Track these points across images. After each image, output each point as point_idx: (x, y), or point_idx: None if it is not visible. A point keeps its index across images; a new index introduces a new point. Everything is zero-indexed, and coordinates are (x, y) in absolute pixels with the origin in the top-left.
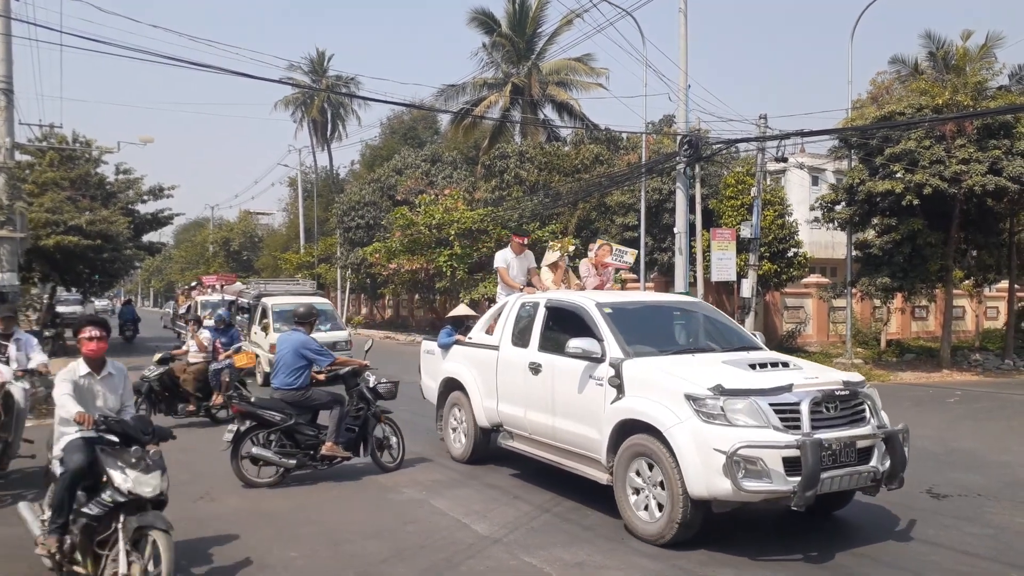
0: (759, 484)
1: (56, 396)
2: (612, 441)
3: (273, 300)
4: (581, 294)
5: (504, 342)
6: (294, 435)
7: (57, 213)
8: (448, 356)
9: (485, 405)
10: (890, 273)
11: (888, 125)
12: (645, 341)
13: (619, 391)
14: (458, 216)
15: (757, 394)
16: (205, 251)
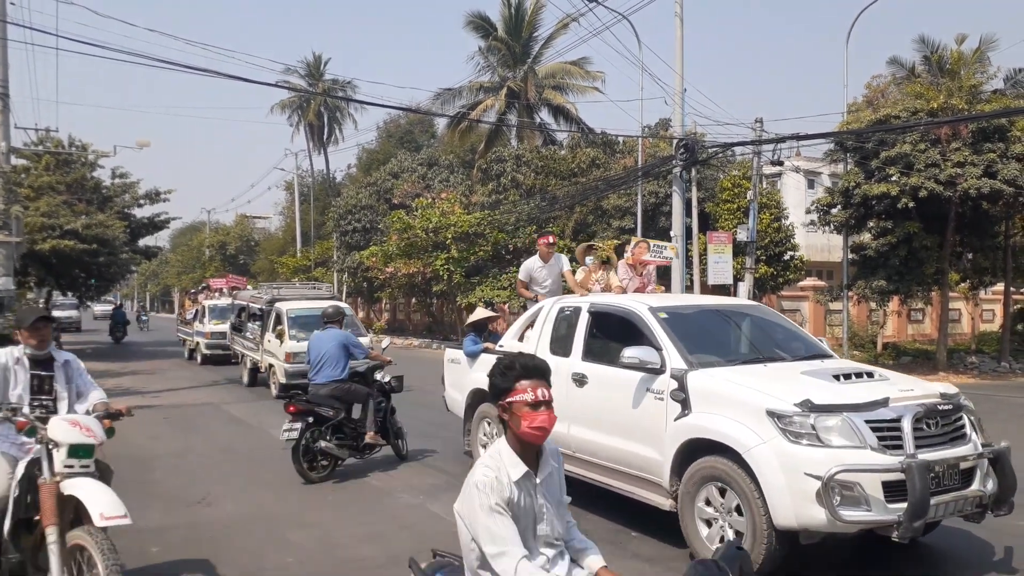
0: (858, 513)
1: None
2: (676, 463)
3: (288, 305)
4: (630, 297)
5: (540, 350)
6: (342, 428)
7: (53, 217)
8: (476, 366)
9: None
10: (886, 276)
11: (884, 128)
12: (707, 349)
13: (684, 406)
14: (455, 220)
15: (851, 410)
16: (201, 255)
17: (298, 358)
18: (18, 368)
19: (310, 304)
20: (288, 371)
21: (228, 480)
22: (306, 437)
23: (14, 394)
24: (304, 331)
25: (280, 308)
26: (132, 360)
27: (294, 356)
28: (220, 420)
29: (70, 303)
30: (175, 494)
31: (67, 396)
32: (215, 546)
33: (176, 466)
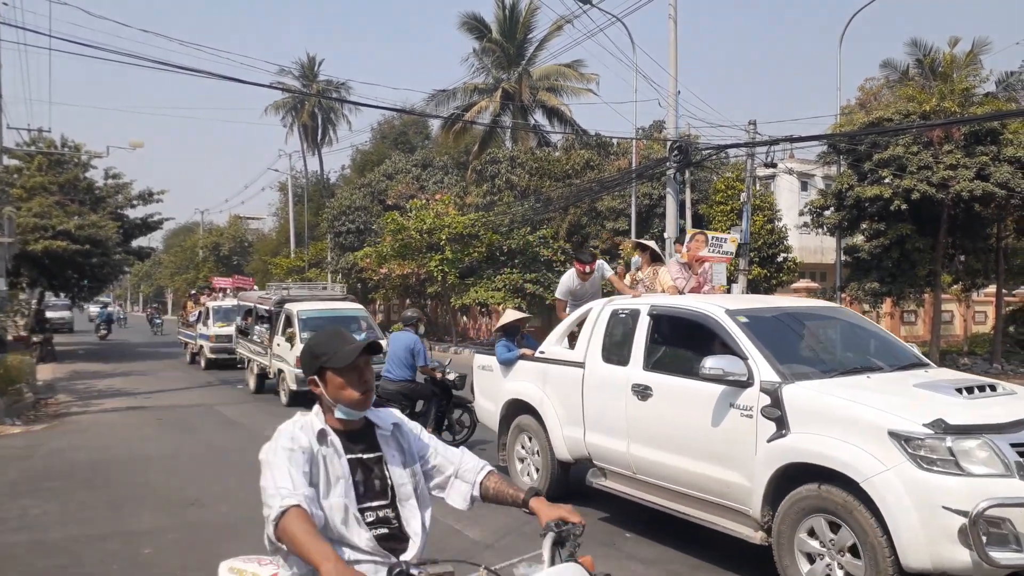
0: (1008, 554)
1: None
2: (770, 490)
3: (299, 307)
4: (699, 298)
5: (592, 358)
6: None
7: (45, 218)
8: (511, 374)
9: (566, 434)
10: (879, 278)
11: (876, 131)
12: (797, 358)
13: (780, 425)
14: (449, 221)
15: (993, 431)
16: (195, 256)
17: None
18: (328, 453)
19: (322, 305)
20: (300, 377)
21: (222, 482)
22: None
23: (329, 504)
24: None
25: (291, 310)
26: (125, 361)
27: None
28: (214, 421)
29: (62, 304)
30: (168, 496)
31: (413, 495)
32: (208, 548)
33: (169, 468)
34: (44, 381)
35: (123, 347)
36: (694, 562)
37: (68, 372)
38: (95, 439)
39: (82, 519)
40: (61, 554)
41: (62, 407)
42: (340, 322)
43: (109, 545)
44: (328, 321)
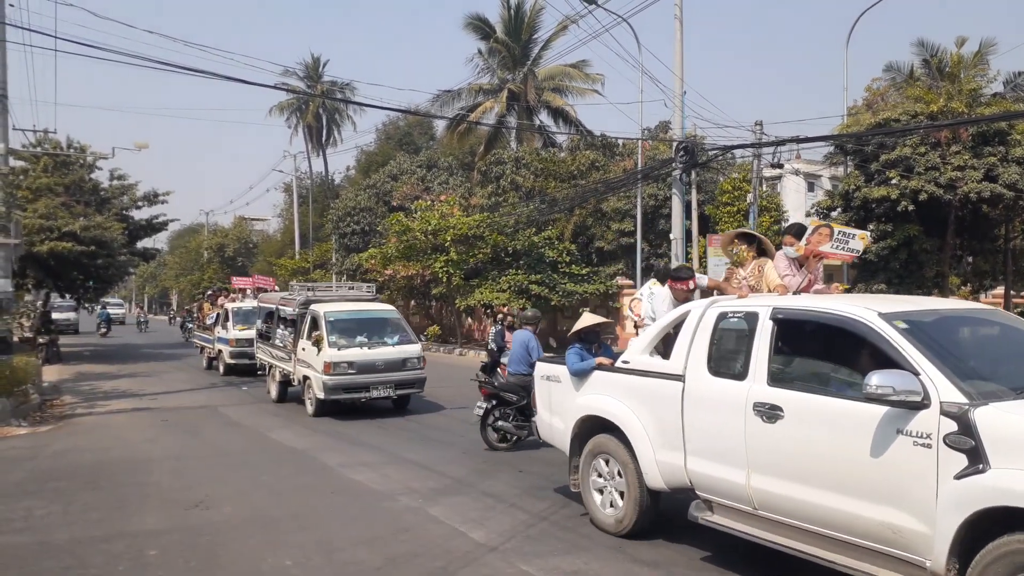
0: None
1: None
2: (959, 538)
3: (326, 308)
4: (841, 299)
5: (695, 370)
6: (524, 412)
7: (51, 219)
8: (586, 386)
9: (661, 459)
10: (886, 279)
11: (883, 132)
12: (977, 373)
13: (973, 458)
14: (454, 222)
15: None
16: (199, 257)
17: (340, 369)
18: None
19: (351, 307)
20: (328, 384)
21: (226, 483)
22: (492, 415)
23: None
24: (346, 338)
25: (317, 311)
26: (130, 362)
27: (335, 367)
28: (218, 423)
29: (68, 305)
30: (173, 497)
31: None
32: (213, 549)
33: (174, 469)
34: (49, 382)
35: (128, 348)
36: (698, 564)
37: (74, 373)
38: (100, 440)
39: (87, 520)
40: (65, 555)
41: (67, 408)
42: (370, 325)
43: (114, 546)
44: (357, 323)
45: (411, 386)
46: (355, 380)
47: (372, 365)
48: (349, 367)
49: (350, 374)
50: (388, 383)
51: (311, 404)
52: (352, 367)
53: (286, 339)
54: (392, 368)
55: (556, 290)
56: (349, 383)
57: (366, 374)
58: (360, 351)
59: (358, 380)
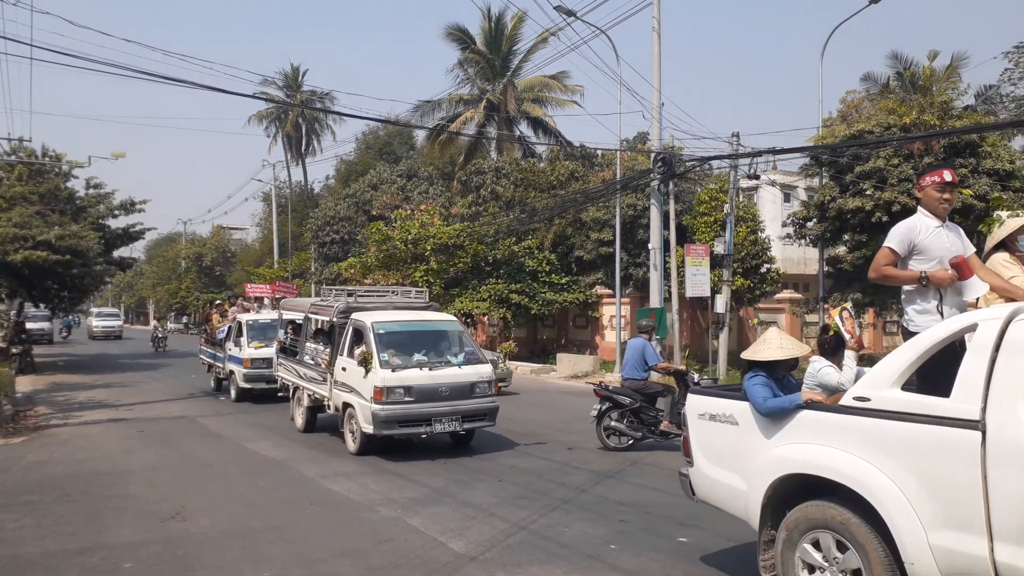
0: None
1: None
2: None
3: (374, 318)
4: None
5: (1003, 412)
6: (640, 415)
7: (25, 228)
8: (786, 431)
9: (940, 543)
10: (861, 288)
11: (858, 143)
12: None
13: None
14: (434, 231)
15: None
16: (177, 266)
17: (394, 396)
18: None
19: (404, 316)
20: (379, 416)
21: (203, 494)
22: (606, 417)
23: None
24: (401, 356)
25: (362, 322)
26: (106, 372)
27: (388, 393)
28: (196, 434)
29: (42, 315)
30: (149, 509)
31: None
32: (190, 562)
33: (150, 480)
34: (23, 393)
35: (104, 359)
36: (678, 574)
37: (48, 383)
38: (75, 452)
39: (60, 533)
40: (39, 569)
41: (41, 419)
42: (428, 339)
43: (88, 559)
44: (413, 337)
45: (481, 418)
46: (413, 411)
47: (434, 391)
48: (406, 394)
49: (407, 403)
50: (454, 414)
51: (354, 439)
52: (409, 394)
53: (318, 355)
54: (458, 395)
55: (536, 299)
56: (405, 414)
57: (427, 403)
58: (419, 373)
59: (417, 411)
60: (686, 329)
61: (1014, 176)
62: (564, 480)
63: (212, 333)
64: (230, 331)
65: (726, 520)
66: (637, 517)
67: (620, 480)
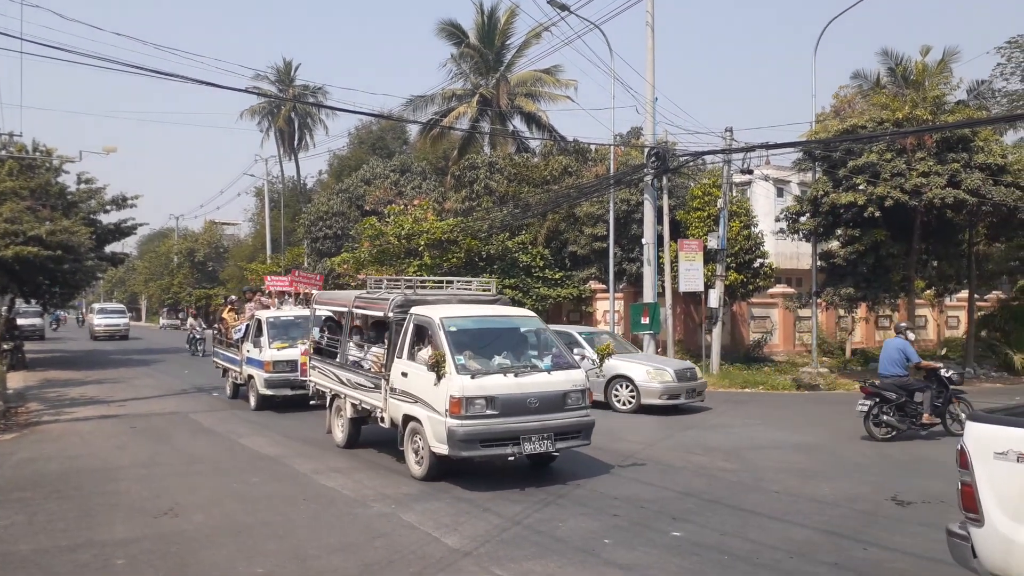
0: None
1: None
2: None
3: (443, 313)
4: None
5: None
6: (903, 408)
7: (16, 223)
8: None
9: None
10: (854, 283)
11: (850, 138)
12: None
13: None
14: (428, 227)
15: None
16: (169, 262)
17: (475, 409)
18: None
19: (477, 311)
20: (458, 434)
21: (196, 491)
22: (874, 411)
23: None
24: (479, 359)
25: (428, 317)
26: (98, 368)
27: (468, 405)
28: (188, 430)
29: (33, 311)
30: (142, 505)
31: None
32: (183, 558)
33: (143, 477)
34: (14, 389)
35: (96, 354)
36: (673, 569)
37: (39, 380)
38: (67, 448)
39: (52, 530)
40: (31, 566)
41: (33, 416)
42: (507, 338)
43: (80, 556)
44: (490, 336)
45: (575, 435)
46: (498, 427)
47: (522, 403)
48: (488, 405)
49: (490, 417)
50: (544, 431)
51: (419, 461)
52: (493, 405)
53: (367, 357)
54: (550, 407)
55: (530, 294)
56: (488, 432)
57: (513, 417)
58: (504, 380)
59: (502, 427)
60: (679, 324)
61: (1006, 170)
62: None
63: (227, 333)
64: (247, 330)
65: (720, 514)
66: (631, 512)
67: (614, 475)
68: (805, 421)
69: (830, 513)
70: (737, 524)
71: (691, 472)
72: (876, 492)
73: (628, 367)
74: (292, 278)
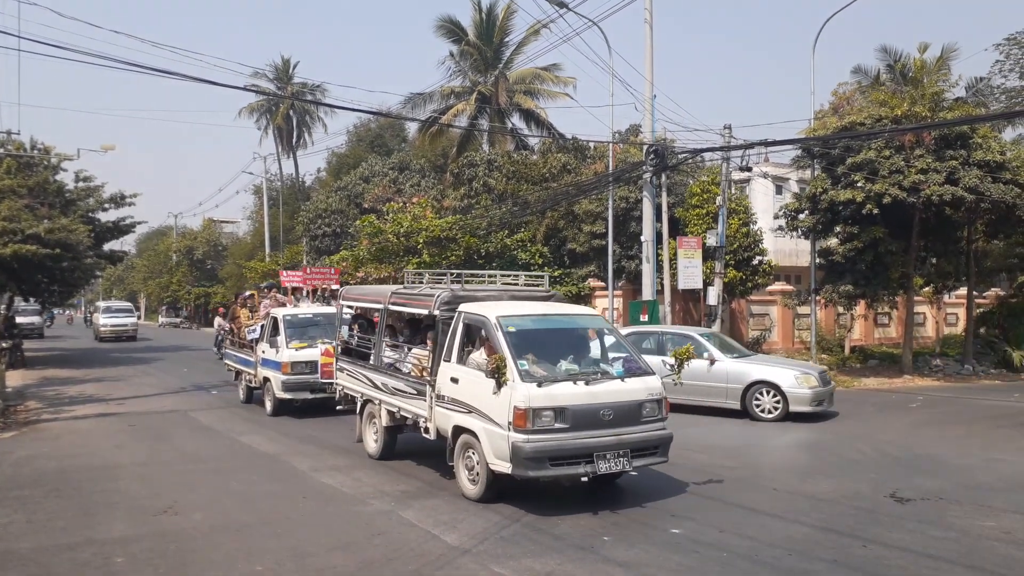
0: None
1: None
2: None
3: (499, 311)
4: None
5: None
6: None
7: (14, 221)
8: None
9: None
10: (853, 280)
11: (849, 135)
12: None
13: None
14: (426, 224)
15: None
16: (168, 260)
17: (543, 422)
18: None
19: (535, 308)
20: (524, 450)
21: (195, 489)
22: None
23: None
24: (544, 364)
25: (481, 316)
26: (97, 367)
27: (535, 418)
28: (187, 427)
29: (32, 309)
30: (141, 503)
31: None
32: (182, 556)
33: (141, 475)
34: (13, 387)
35: (95, 352)
36: (672, 567)
37: (38, 378)
38: (66, 447)
39: (52, 528)
40: (30, 564)
41: (32, 414)
42: (570, 341)
43: (80, 554)
44: (552, 337)
45: (652, 451)
46: (570, 442)
47: (595, 415)
48: (558, 418)
49: (560, 431)
50: (621, 446)
51: (473, 478)
52: (563, 418)
53: (417, 359)
54: (625, 419)
55: None
56: (559, 448)
57: (586, 430)
58: (574, 389)
59: (575, 442)
60: (678, 321)
61: (1004, 168)
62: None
63: (240, 332)
64: (263, 330)
65: (719, 512)
66: (631, 509)
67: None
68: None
69: (829, 510)
70: (736, 521)
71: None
72: (875, 489)
73: (769, 371)
74: (305, 274)
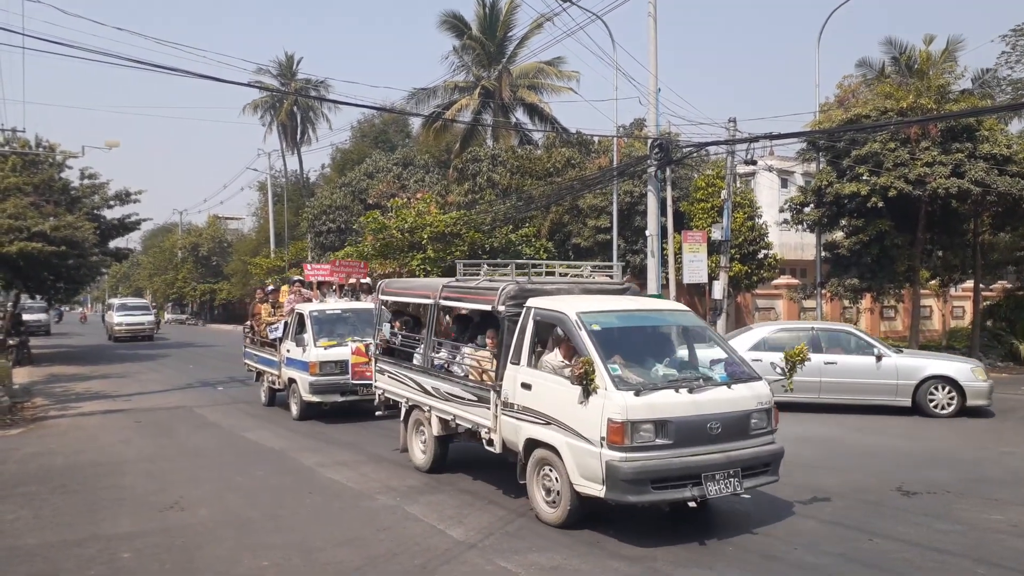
0: None
1: None
2: None
3: (579, 307)
4: None
5: None
6: None
7: (20, 219)
8: None
9: None
10: (858, 274)
11: (854, 128)
12: None
13: None
14: (431, 220)
15: None
16: (173, 257)
17: (642, 438)
18: None
19: (621, 304)
20: (622, 470)
21: (201, 485)
22: None
23: None
24: (637, 369)
25: (558, 313)
26: (103, 363)
27: (634, 432)
28: (193, 424)
29: (39, 306)
30: (147, 499)
31: None
32: (189, 552)
33: (148, 471)
34: (20, 384)
35: (101, 349)
36: (677, 559)
37: (45, 375)
38: (72, 443)
39: (58, 524)
40: (37, 559)
41: (39, 411)
42: (661, 338)
43: (86, 550)
44: (642, 336)
45: (763, 470)
46: (675, 461)
47: (702, 428)
48: (659, 432)
49: (662, 447)
50: (731, 465)
51: (552, 501)
52: (664, 432)
53: (462, 361)
54: (734, 433)
55: None
56: (663, 468)
57: (692, 447)
58: (676, 398)
59: (680, 461)
60: None
61: (1011, 160)
62: None
63: (262, 331)
64: (287, 327)
65: (729, 508)
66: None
67: None
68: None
69: (836, 504)
70: (747, 519)
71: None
72: (882, 483)
73: (944, 366)
74: (333, 267)
